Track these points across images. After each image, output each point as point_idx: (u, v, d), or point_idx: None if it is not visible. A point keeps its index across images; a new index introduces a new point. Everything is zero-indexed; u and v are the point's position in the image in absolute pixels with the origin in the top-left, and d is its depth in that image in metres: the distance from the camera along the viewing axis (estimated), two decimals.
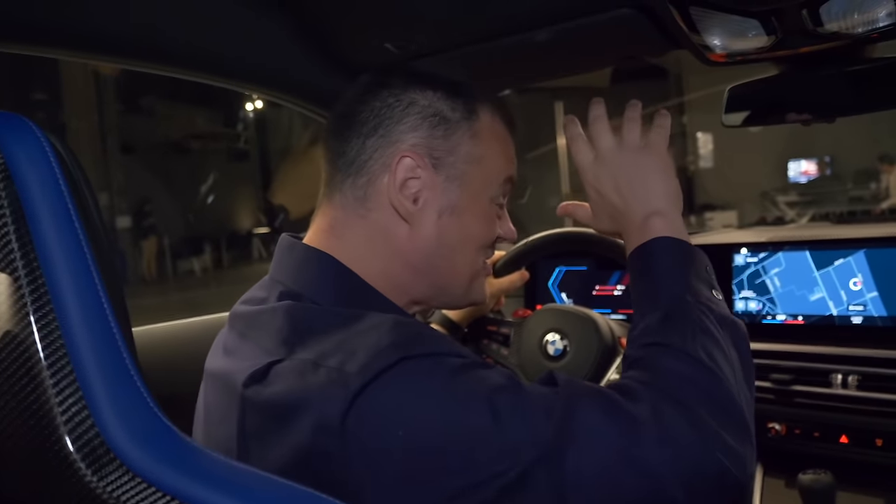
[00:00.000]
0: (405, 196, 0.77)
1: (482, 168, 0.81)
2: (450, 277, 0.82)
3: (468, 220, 0.80)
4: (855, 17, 0.96)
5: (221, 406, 0.71)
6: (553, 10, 1.03)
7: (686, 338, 0.70)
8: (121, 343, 0.47)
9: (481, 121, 0.81)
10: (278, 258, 0.81)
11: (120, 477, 0.44)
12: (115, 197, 14.26)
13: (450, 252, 0.80)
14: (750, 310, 1.50)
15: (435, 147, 0.78)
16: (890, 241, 1.36)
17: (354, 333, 0.66)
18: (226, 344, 0.77)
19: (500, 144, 0.83)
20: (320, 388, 0.62)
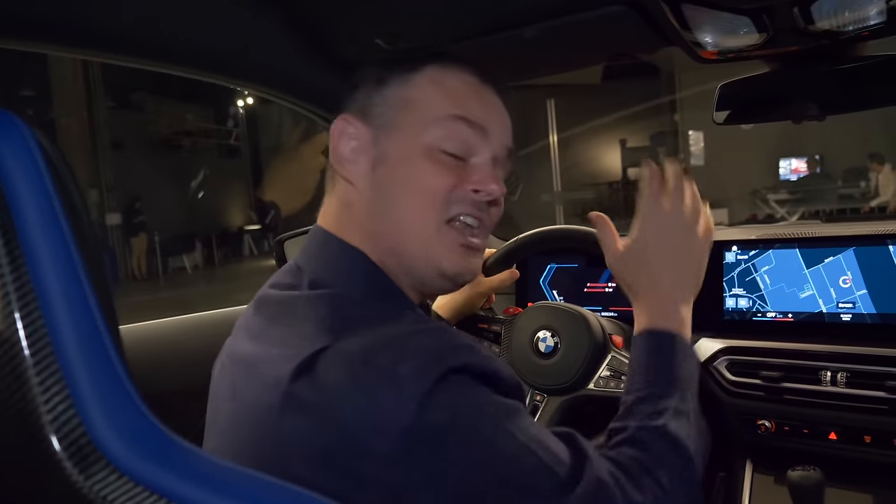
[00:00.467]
0: (340, 155, 0.78)
1: (414, 111, 0.77)
2: (400, 236, 0.76)
3: (405, 169, 0.76)
4: (846, 15, 0.96)
5: (255, 391, 0.69)
6: (544, 6, 1.03)
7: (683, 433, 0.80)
8: (108, 341, 0.46)
9: (423, 72, 0.79)
10: (311, 250, 0.80)
11: (107, 476, 0.43)
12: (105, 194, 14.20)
13: (390, 204, 0.76)
14: (740, 307, 1.51)
15: (368, 104, 0.78)
16: (879, 239, 1.37)
17: (396, 331, 0.67)
18: (250, 327, 0.76)
19: (439, 87, 0.78)
20: (373, 391, 0.61)
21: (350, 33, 1.15)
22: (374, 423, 0.60)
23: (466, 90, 0.80)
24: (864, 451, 1.30)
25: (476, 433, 0.63)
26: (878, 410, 1.26)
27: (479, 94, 0.80)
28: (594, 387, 1.25)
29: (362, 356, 0.63)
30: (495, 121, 0.81)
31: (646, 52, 1.18)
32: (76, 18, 0.95)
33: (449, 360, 0.63)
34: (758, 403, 1.38)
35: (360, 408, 0.61)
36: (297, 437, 0.63)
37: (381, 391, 0.61)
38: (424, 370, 0.62)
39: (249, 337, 0.75)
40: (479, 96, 0.80)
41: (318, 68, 1.25)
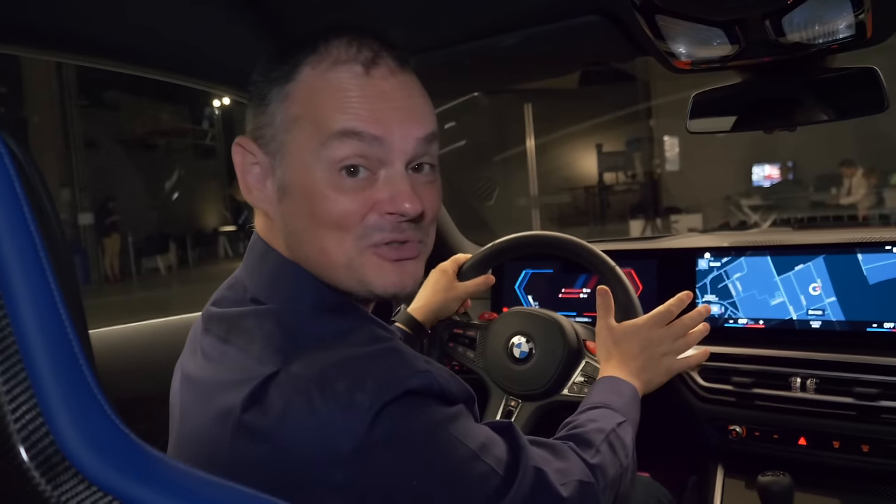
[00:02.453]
0: (246, 184, 0.73)
1: (301, 130, 0.69)
2: (323, 261, 0.71)
3: (308, 201, 0.69)
4: (816, 28, 0.98)
5: (205, 416, 0.67)
6: (521, 15, 1.03)
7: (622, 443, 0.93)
8: (77, 348, 0.46)
9: (299, 80, 0.70)
10: (251, 263, 0.77)
11: (75, 486, 0.43)
12: (78, 193, 14.00)
13: (303, 236, 0.71)
14: (713, 313, 1.52)
15: (258, 124, 0.72)
16: (848, 248, 1.40)
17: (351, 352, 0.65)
18: (204, 348, 0.73)
19: (323, 98, 0.68)
20: (328, 417, 0.60)
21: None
22: (330, 452, 0.60)
23: (352, 90, 0.69)
24: (833, 456, 1.32)
25: (422, 447, 0.63)
26: (847, 416, 1.28)
27: (366, 90, 0.69)
28: (568, 392, 1.25)
29: (317, 382, 0.61)
30: (394, 119, 0.69)
31: (621, 60, 1.19)
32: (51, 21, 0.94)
33: (405, 384, 0.62)
34: (729, 409, 1.40)
35: (315, 437, 0.60)
36: (251, 467, 0.61)
37: (337, 419, 0.60)
38: (380, 395, 0.61)
39: (205, 358, 0.73)
40: (366, 92, 0.69)
41: None
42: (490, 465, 0.68)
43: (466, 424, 0.69)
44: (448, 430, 0.66)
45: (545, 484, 0.73)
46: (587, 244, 1.32)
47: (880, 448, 1.27)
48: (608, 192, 14.69)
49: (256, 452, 0.62)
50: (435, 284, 1.34)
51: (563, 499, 0.74)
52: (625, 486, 0.91)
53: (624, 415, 0.97)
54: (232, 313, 0.72)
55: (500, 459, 0.70)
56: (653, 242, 1.73)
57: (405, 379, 0.63)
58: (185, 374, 0.76)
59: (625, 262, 1.52)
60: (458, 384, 0.70)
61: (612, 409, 0.97)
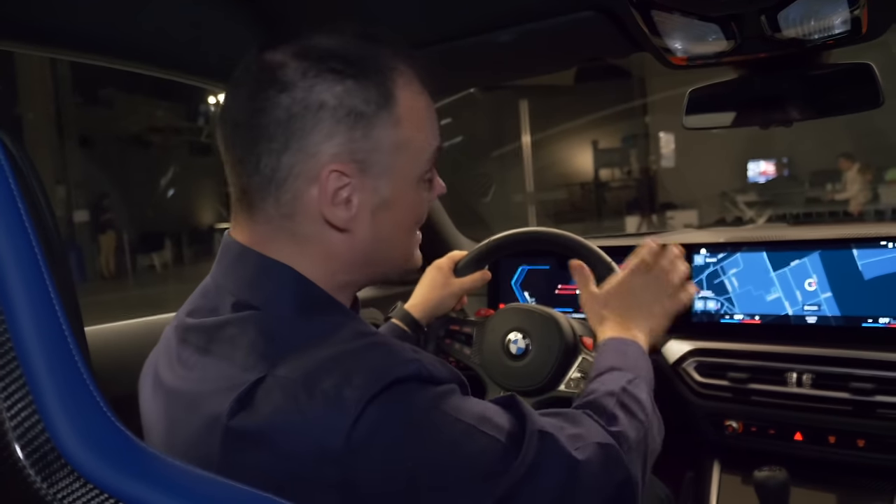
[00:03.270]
0: (337, 206, 0.72)
1: (409, 153, 0.75)
2: (390, 264, 0.80)
3: (402, 208, 0.77)
4: (811, 23, 0.98)
5: (192, 427, 0.67)
6: (516, 11, 1.03)
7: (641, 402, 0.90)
8: (73, 345, 0.46)
9: (400, 104, 0.73)
10: (226, 266, 0.76)
11: (71, 483, 0.43)
12: (73, 191, 13.96)
13: (388, 244, 0.78)
14: (709, 309, 1.53)
15: (357, 149, 0.71)
16: (843, 243, 1.40)
17: (336, 350, 0.65)
18: (184, 360, 0.72)
19: (423, 121, 0.76)
20: (317, 416, 0.60)
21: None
22: (320, 450, 0.59)
23: (431, 111, 0.79)
24: (829, 451, 1.32)
25: (414, 429, 0.63)
26: (843, 411, 1.28)
27: (433, 111, 0.80)
28: (565, 388, 1.25)
29: (303, 383, 0.62)
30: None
31: (617, 56, 1.20)
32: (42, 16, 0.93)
33: (392, 374, 0.63)
34: (725, 404, 1.40)
35: (305, 436, 0.60)
36: (243, 472, 0.59)
37: (326, 416, 0.60)
38: (367, 388, 0.61)
39: (183, 368, 0.72)
40: (434, 113, 0.80)
41: None
42: (491, 434, 0.67)
43: (458, 400, 0.68)
44: (440, 408, 0.65)
45: (556, 448, 0.71)
46: (583, 240, 1.32)
47: (876, 443, 1.27)
48: (604, 188, 14.69)
49: (246, 457, 0.61)
50: (431, 281, 1.34)
51: (577, 462, 0.72)
52: (653, 444, 0.88)
53: (633, 371, 0.94)
54: (210, 323, 0.71)
55: (501, 428, 0.68)
56: (649, 238, 1.73)
57: (392, 369, 0.63)
58: (164, 387, 0.74)
59: (621, 257, 1.51)
60: (447, 369, 0.70)
61: (618, 369, 0.94)
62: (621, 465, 0.77)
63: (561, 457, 0.71)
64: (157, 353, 0.81)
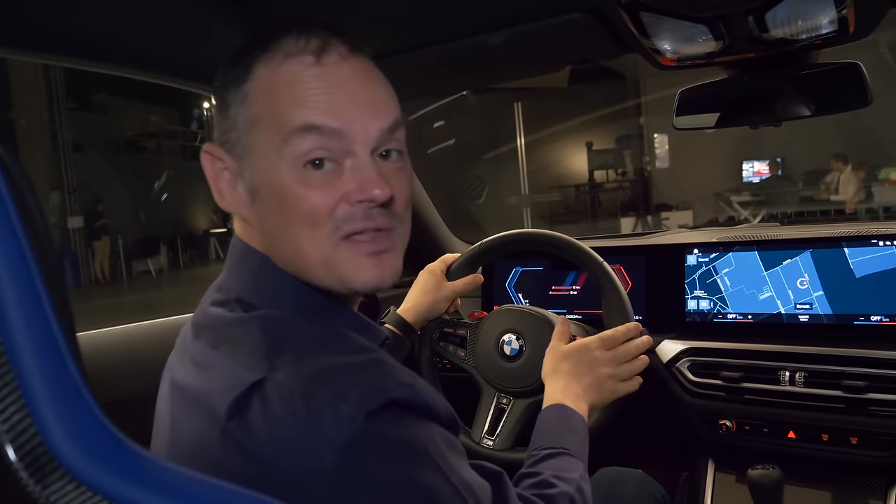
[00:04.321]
0: (219, 191, 0.72)
1: (262, 130, 0.68)
2: (300, 258, 0.70)
3: (277, 199, 0.68)
4: (799, 23, 0.99)
5: (194, 425, 0.66)
6: (507, 13, 1.04)
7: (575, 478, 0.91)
8: (65, 349, 0.46)
9: (254, 80, 0.69)
10: (233, 265, 0.76)
11: (64, 486, 0.43)
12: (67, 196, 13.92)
13: (279, 235, 0.70)
14: (702, 309, 1.53)
15: (222, 129, 0.71)
16: (834, 242, 1.41)
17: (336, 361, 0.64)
18: (194, 355, 0.72)
19: (279, 94, 0.68)
20: (313, 428, 0.59)
21: None
22: (313, 465, 0.59)
23: (306, 81, 0.68)
24: (822, 449, 1.33)
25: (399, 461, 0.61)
26: (835, 409, 1.29)
27: (321, 79, 0.68)
28: None
29: (301, 392, 0.60)
30: (353, 111, 0.69)
31: (608, 58, 1.20)
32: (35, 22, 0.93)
33: (389, 394, 0.61)
34: (719, 403, 1.41)
35: (298, 450, 0.59)
36: (236, 476, 0.59)
37: (320, 430, 0.59)
38: (364, 405, 0.59)
39: (194, 366, 0.72)
40: (322, 82, 0.68)
41: None
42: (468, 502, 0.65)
43: (451, 456, 0.66)
44: (429, 451, 0.63)
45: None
46: (576, 241, 1.32)
47: (869, 440, 1.28)
48: (599, 189, 14.71)
49: (240, 462, 0.61)
50: (423, 285, 1.34)
51: None
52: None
53: (580, 457, 0.97)
54: (220, 321, 0.72)
55: (480, 502, 0.67)
56: (642, 239, 1.74)
57: (389, 389, 0.61)
58: (174, 383, 0.74)
59: (614, 258, 1.52)
60: (443, 404, 0.68)
61: (569, 454, 0.96)
62: None
63: None
64: (174, 351, 0.81)
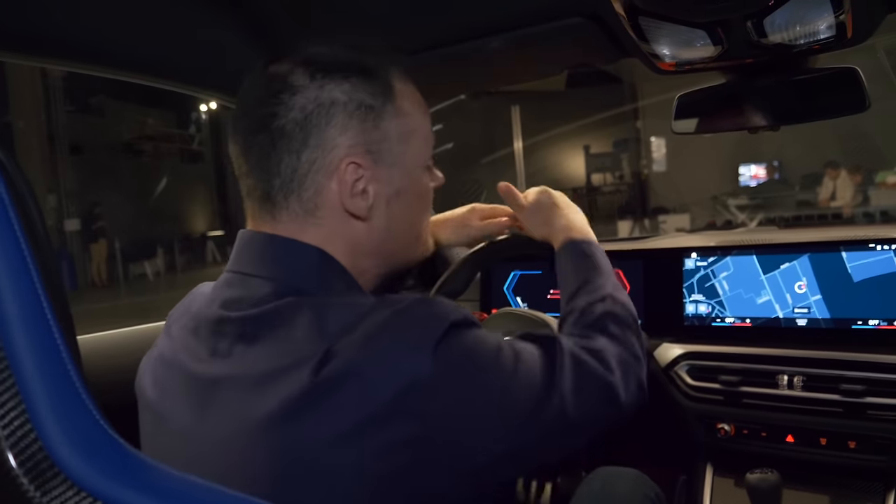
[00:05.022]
0: (355, 197, 0.77)
1: (414, 142, 0.81)
2: (405, 251, 0.86)
3: (413, 196, 0.83)
4: (797, 29, 0.99)
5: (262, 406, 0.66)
6: (506, 17, 1.04)
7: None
8: (65, 354, 0.46)
9: (399, 96, 0.80)
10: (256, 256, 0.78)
11: (64, 492, 0.43)
12: (64, 199, 13.90)
13: (403, 231, 0.83)
14: (700, 312, 1.53)
15: (370, 140, 0.77)
16: (832, 246, 1.41)
17: (389, 312, 0.69)
18: (216, 349, 0.73)
19: (420, 110, 0.83)
20: (398, 353, 0.65)
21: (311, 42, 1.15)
22: (400, 386, 0.64)
23: (424, 105, 0.85)
24: (820, 453, 1.33)
25: (475, 366, 0.70)
26: (834, 413, 1.29)
27: (425, 104, 0.86)
28: None
29: (372, 339, 0.66)
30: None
31: (606, 62, 1.20)
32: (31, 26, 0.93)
33: (448, 319, 0.68)
34: (717, 407, 1.41)
35: (393, 371, 0.65)
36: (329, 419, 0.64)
37: (409, 354, 0.65)
38: (429, 331, 0.67)
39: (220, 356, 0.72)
40: (426, 106, 0.86)
41: None
42: (532, 369, 0.74)
43: (503, 342, 0.75)
44: (491, 346, 0.72)
45: (585, 365, 0.80)
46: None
47: (867, 444, 1.28)
48: (596, 193, 14.71)
49: (333, 399, 0.64)
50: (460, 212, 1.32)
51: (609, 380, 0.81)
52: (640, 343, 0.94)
53: (603, 274, 1.01)
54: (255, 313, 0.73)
55: (535, 357, 0.76)
56: (640, 243, 1.74)
57: (447, 315, 0.69)
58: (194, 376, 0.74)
59: (612, 262, 1.51)
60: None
61: (591, 281, 0.99)
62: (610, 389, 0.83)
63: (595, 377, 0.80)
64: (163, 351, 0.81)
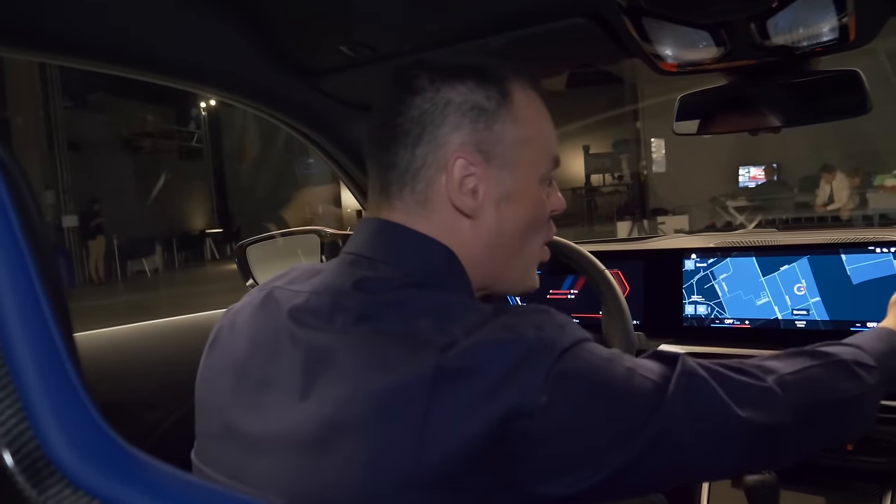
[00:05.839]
0: (464, 193, 0.79)
1: (530, 150, 0.82)
2: (511, 263, 0.85)
3: (524, 204, 0.83)
4: (800, 31, 0.99)
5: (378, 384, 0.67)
6: (508, 17, 1.03)
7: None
8: (63, 350, 0.45)
9: (517, 102, 0.82)
10: (404, 250, 0.80)
11: (61, 490, 0.42)
12: (62, 195, 13.90)
13: (510, 238, 0.83)
14: (699, 313, 1.53)
15: (482, 140, 0.80)
16: (832, 248, 1.41)
17: (509, 317, 0.70)
18: (333, 315, 0.74)
19: (542, 122, 0.85)
20: (524, 352, 0.65)
21: (314, 40, 1.14)
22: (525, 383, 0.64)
23: (548, 120, 0.86)
24: (818, 454, 1.33)
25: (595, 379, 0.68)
26: None
27: (550, 121, 0.86)
28: None
29: (499, 333, 0.67)
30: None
31: (608, 63, 1.20)
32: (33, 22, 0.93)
33: (565, 340, 0.68)
34: None
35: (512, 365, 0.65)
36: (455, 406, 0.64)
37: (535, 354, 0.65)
38: (549, 349, 0.66)
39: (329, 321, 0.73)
40: (551, 124, 0.86)
41: (281, 74, 1.24)
42: (644, 374, 0.71)
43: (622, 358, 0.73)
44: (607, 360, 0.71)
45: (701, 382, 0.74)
46: (575, 245, 1.32)
47: (864, 446, 1.28)
48: (595, 193, 14.74)
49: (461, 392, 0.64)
50: None
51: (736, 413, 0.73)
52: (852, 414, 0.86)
53: (868, 349, 0.89)
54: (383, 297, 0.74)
55: (652, 370, 0.73)
56: (639, 243, 1.74)
57: (571, 330, 0.70)
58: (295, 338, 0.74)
59: (612, 263, 1.52)
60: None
61: (861, 349, 0.89)
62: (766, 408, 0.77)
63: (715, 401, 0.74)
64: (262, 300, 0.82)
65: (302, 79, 1.25)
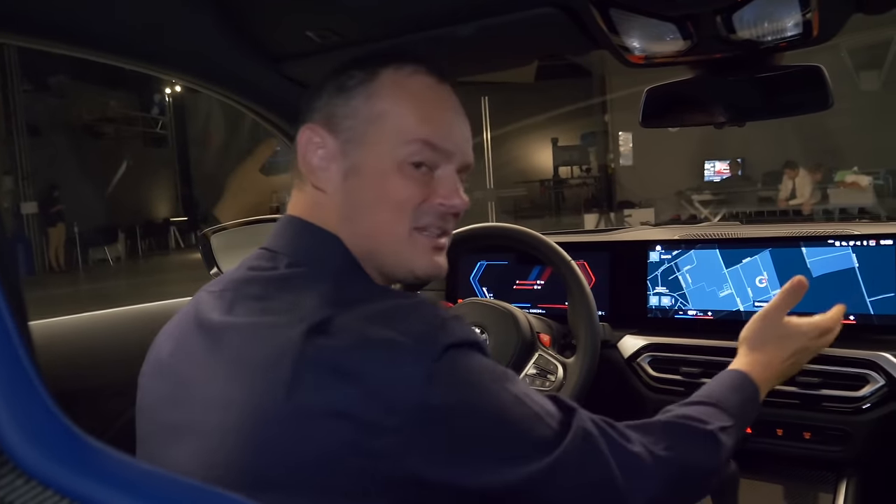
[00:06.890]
0: (309, 165, 0.81)
1: (384, 126, 0.80)
2: (373, 241, 0.81)
3: (375, 180, 0.80)
4: (765, 25, 1.00)
5: (256, 355, 0.69)
6: (476, 5, 1.03)
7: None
8: (16, 337, 0.44)
9: (382, 80, 0.81)
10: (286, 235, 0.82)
11: (13, 480, 0.41)
12: (21, 181, 13.57)
13: (361, 214, 0.81)
14: (663, 305, 1.55)
15: (332, 114, 0.81)
16: (792, 241, 1.43)
17: (396, 302, 0.70)
18: (233, 304, 0.76)
19: (408, 104, 0.81)
20: (400, 352, 0.65)
21: (280, 25, 1.13)
22: (385, 397, 0.63)
23: (429, 100, 0.82)
24: (777, 443, 1.36)
25: (477, 393, 0.68)
26: (790, 404, 1.32)
27: (440, 103, 0.83)
28: None
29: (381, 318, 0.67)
30: (459, 138, 0.84)
31: (577, 54, 1.20)
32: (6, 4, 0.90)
33: (448, 336, 0.67)
34: (678, 398, 1.41)
35: (377, 376, 0.64)
36: (316, 394, 0.64)
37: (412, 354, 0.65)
38: (428, 343, 0.66)
39: (236, 312, 0.75)
40: (440, 105, 0.83)
41: (246, 59, 1.22)
42: (539, 413, 0.71)
43: (515, 378, 0.73)
44: (497, 379, 0.70)
45: (594, 445, 0.73)
46: (542, 237, 1.33)
47: (821, 435, 1.31)
48: (563, 185, 14.84)
49: (320, 381, 0.64)
50: None
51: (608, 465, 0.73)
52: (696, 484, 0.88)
53: (731, 413, 0.92)
54: (274, 275, 0.76)
55: (550, 413, 0.72)
56: (606, 235, 1.75)
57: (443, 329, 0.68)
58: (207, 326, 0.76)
59: (578, 254, 1.53)
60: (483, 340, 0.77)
61: (720, 408, 0.92)
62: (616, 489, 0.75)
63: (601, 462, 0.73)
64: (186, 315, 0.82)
65: (268, 64, 1.23)
